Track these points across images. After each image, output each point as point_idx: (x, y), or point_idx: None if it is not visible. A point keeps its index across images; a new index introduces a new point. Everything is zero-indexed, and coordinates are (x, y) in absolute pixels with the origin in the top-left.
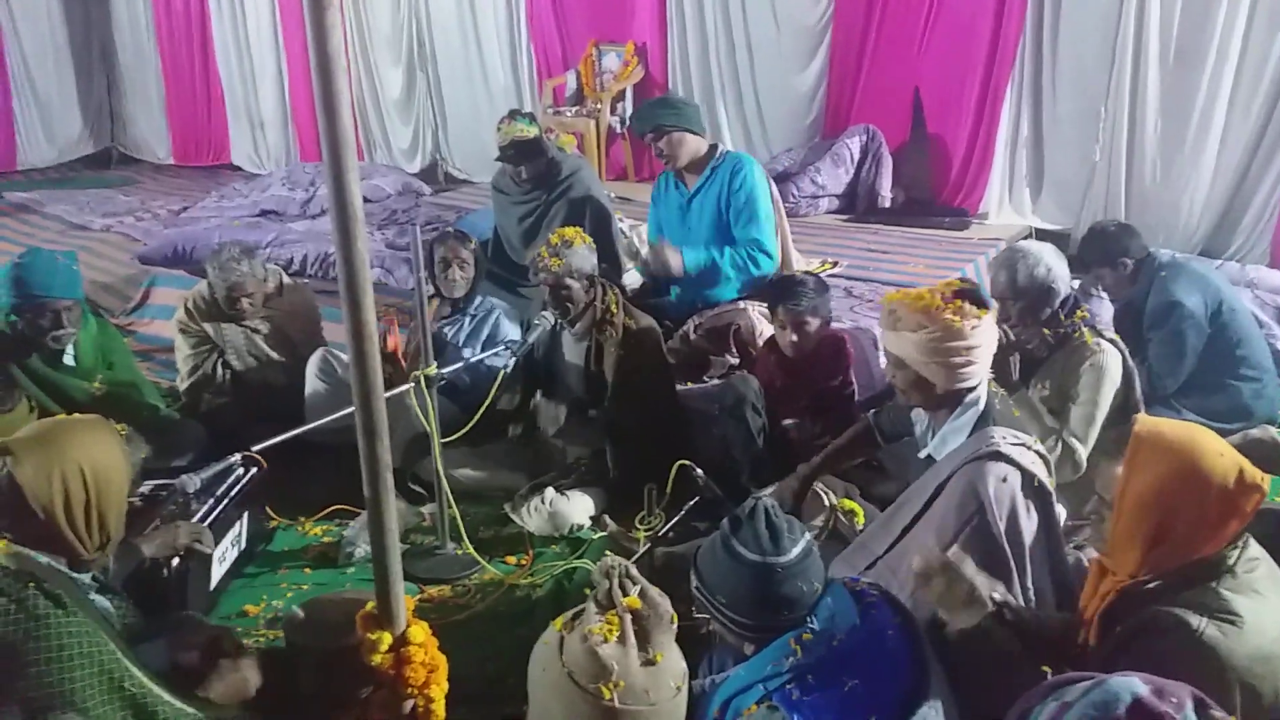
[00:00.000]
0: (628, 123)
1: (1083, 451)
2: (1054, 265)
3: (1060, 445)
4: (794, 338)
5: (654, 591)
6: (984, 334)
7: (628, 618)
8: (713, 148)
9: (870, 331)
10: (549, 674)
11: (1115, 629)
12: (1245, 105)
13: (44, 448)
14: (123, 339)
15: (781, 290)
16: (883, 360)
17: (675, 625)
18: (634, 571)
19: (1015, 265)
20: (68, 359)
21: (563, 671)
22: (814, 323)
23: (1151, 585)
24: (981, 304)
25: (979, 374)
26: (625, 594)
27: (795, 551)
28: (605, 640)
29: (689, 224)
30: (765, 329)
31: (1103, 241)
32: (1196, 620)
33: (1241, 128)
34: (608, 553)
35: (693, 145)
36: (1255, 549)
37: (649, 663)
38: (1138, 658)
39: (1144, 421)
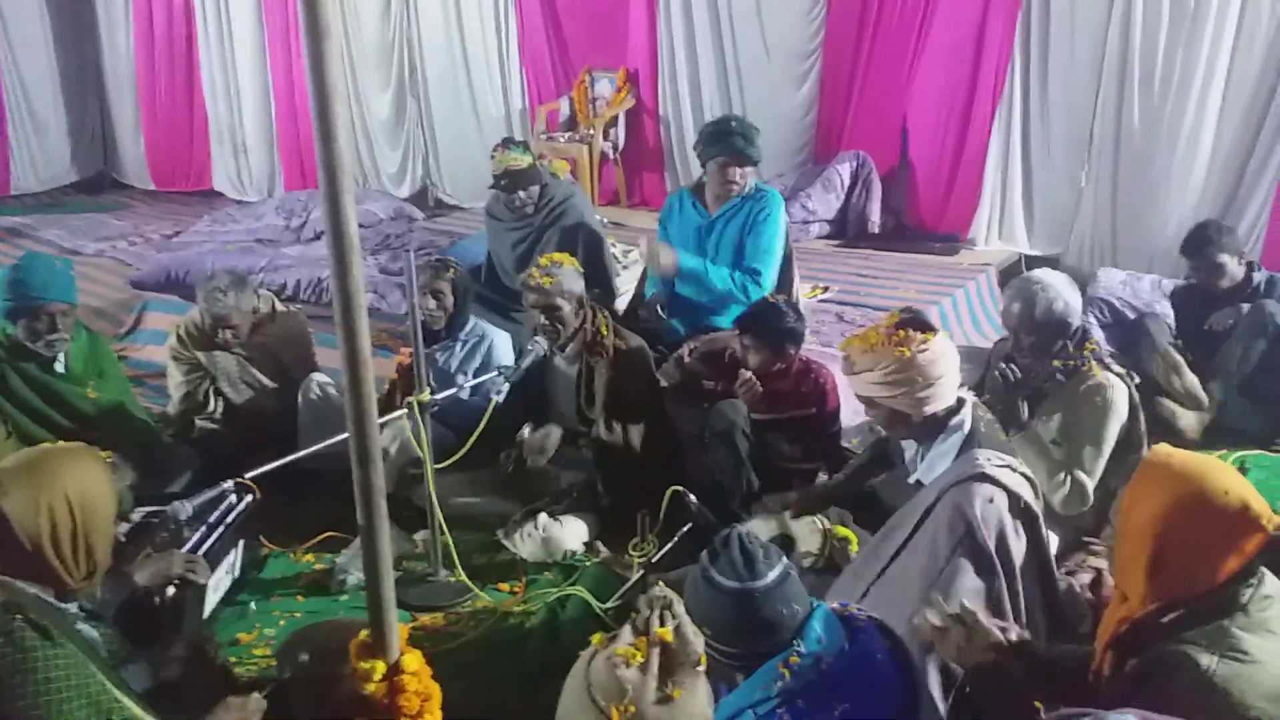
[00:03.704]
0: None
1: (1090, 485)
2: (1070, 299)
3: (1069, 480)
4: (755, 363)
5: (690, 631)
6: (937, 355)
7: (656, 649)
8: None
9: None
10: (574, 682)
11: (1126, 661)
12: (1230, 127)
13: (30, 477)
14: (111, 350)
15: (759, 318)
16: None
17: (701, 669)
18: (678, 608)
19: (1033, 298)
20: (59, 367)
21: (584, 683)
22: (786, 354)
23: (1163, 619)
24: (926, 328)
25: (947, 395)
26: (662, 625)
27: (772, 575)
28: (628, 664)
29: (707, 248)
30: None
31: (1225, 234)
32: (1207, 659)
33: (1226, 150)
34: (661, 582)
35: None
36: (1269, 587)
37: (665, 699)
38: (1148, 697)
39: (1157, 450)
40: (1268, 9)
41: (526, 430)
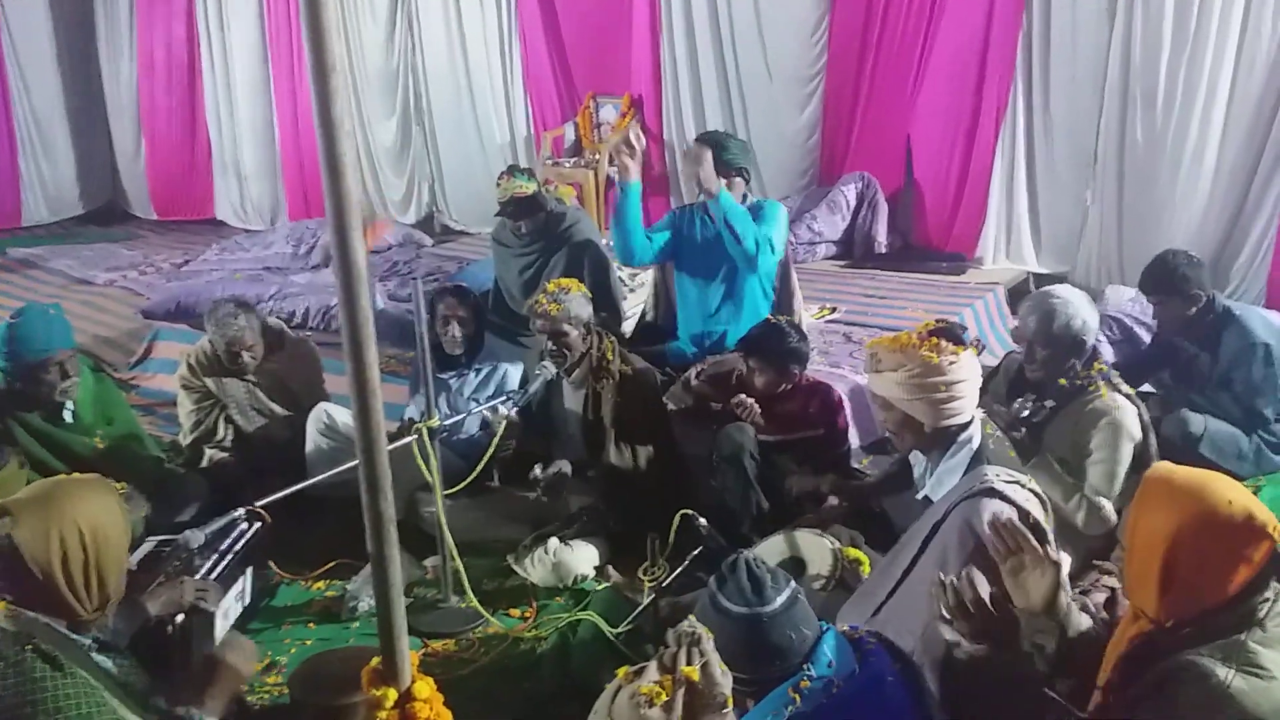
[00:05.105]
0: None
1: (1109, 507)
2: (1088, 318)
3: (1085, 503)
4: (761, 384)
5: (718, 671)
6: (963, 370)
7: (682, 689)
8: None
9: None
10: (597, 717)
11: (1139, 674)
12: (1233, 145)
13: (43, 508)
14: (119, 391)
15: (763, 339)
16: None
17: (728, 711)
18: (707, 645)
19: (1052, 313)
20: (66, 415)
21: (607, 718)
22: (790, 374)
23: (1178, 633)
24: (959, 341)
25: (964, 410)
26: (689, 663)
27: (780, 600)
28: (652, 703)
29: (713, 259)
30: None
31: (1173, 270)
32: (1224, 671)
33: (1230, 167)
34: (692, 617)
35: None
36: None
37: None
38: (1162, 706)
39: (1156, 468)
40: (1269, 30)
41: (538, 470)
